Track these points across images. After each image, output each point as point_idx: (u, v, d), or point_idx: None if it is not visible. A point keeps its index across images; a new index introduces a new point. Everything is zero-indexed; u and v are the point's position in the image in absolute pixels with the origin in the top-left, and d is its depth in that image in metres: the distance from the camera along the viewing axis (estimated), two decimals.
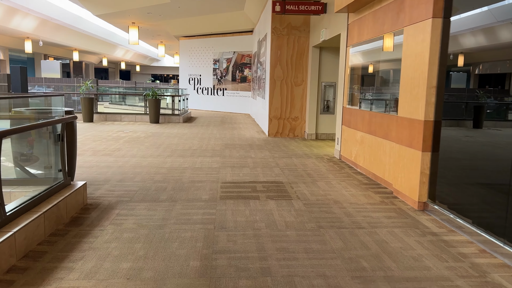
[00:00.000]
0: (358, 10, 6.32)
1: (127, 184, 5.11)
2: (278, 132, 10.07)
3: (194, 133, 10.38)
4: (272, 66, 9.81)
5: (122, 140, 8.68)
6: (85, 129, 10.39)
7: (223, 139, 9.44)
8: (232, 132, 10.74)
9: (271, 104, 9.94)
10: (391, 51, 5.36)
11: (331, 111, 9.84)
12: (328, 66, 9.66)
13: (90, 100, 11.65)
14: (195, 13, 15.91)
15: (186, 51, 19.32)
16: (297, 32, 9.72)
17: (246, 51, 17.01)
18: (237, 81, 17.46)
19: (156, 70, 47.85)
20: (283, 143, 9.08)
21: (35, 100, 5.65)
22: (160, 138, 9.18)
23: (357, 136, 6.39)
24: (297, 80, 9.90)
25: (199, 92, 18.88)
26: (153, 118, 12.09)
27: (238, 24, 16.24)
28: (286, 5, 8.25)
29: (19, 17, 19.04)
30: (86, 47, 27.38)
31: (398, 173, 4.83)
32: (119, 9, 15.41)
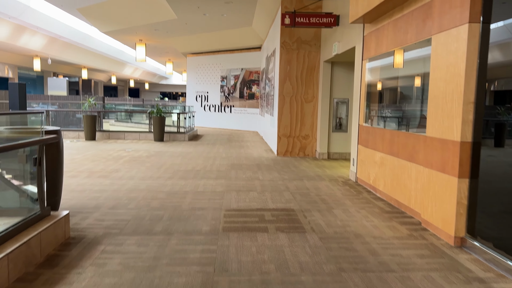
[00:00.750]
0: (376, 20, 5.78)
1: (120, 212, 4.52)
2: (288, 151, 9.46)
3: (199, 152, 9.82)
4: (281, 82, 9.28)
5: (122, 160, 8.14)
6: (86, 148, 9.90)
7: (229, 158, 8.85)
8: (239, 151, 10.16)
9: (280, 122, 9.37)
10: (416, 63, 4.78)
11: (344, 129, 9.23)
12: (340, 82, 9.09)
13: (93, 117, 11.21)
14: (203, 30, 15.60)
15: (194, 68, 18.99)
16: (307, 46, 9.22)
17: (254, 68, 16.59)
18: (245, 98, 16.99)
19: (165, 87, 47.90)
20: (293, 163, 8.46)
21: (22, 118, 5.15)
22: (162, 158, 8.62)
23: (376, 157, 5.75)
24: (307, 96, 9.35)
25: (206, 109, 18.44)
26: (158, 136, 11.59)
27: (246, 41, 15.87)
28: (296, 17, 7.76)
29: (27, 35, 18.96)
30: (95, 65, 27.33)
31: (428, 202, 4.17)
32: (126, 26, 15.17)
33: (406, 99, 5.16)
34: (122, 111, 15.55)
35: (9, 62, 22.75)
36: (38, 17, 17.07)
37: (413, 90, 4.95)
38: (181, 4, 11.78)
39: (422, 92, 4.68)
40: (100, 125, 12.10)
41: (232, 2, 11.34)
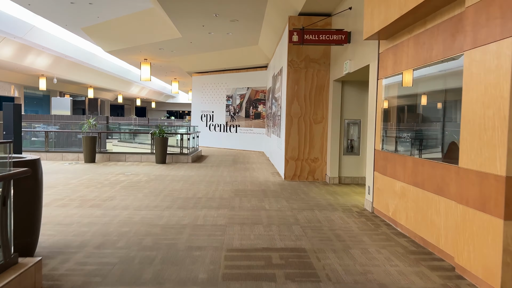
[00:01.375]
0: (393, 37, 5.26)
1: (106, 253, 3.93)
2: (296, 175, 8.86)
3: (202, 175, 9.26)
4: (289, 102, 8.76)
5: (119, 186, 7.59)
6: (83, 172, 9.38)
7: (234, 183, 8.27)
8: (244, 174, 9.58)
9: (288, 144, 8.80)
10: (443, 82, 4.22)
11: (356, 152, 8.63)
12: (351, 102, 8.55)
13: (92, 139, 10.74)
14: (208, 49, 15.27)
15: (199, 88, 18.63)
16: (316, 65, 8.73)
17: (260, 87, 16.16)
18: (251, 118, 16.50)
19: (172, 106, 47.83)
20: (302, 188, 7.85)
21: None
22: (162, 183, 8.06)
23: (395, 187, 5.14)
24: (316, 117, 8.80)
25: (212, 129, 17.97)
26: (159, 158, 11.07)
27: (252, 59, 15.50)
28: (305, 34, 7.29)
29: (33, 54, 18.82)
30: (101, 84, 27.20)
31: (463, 244, 3.54)
32: (130, 45, 14.89)
33: (430, 123, 4.58)
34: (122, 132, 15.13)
35: (15, 82, 22.64)
36: (43, 37, 16.92)
37: (439, 113, 4.37)
38: (185, 23, 11.45)
39: (451, 114, 4.11)
40: (101, 146, 11.64)
41: (237, 20, 10.97)
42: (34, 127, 14.34)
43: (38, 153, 11.15)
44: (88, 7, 11.72)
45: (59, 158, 11.23)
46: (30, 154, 3.90)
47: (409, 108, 5.07)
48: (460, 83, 3.69)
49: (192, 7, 9.83)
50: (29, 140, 13.51)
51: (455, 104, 4.01)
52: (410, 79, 4.84)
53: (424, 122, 4.74)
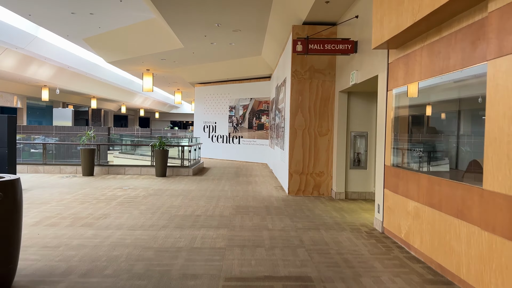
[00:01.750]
0: (404, 45, 4.92)
1: (92, 283, 3.55)
2: (300, 190, 8.47)
3: (203, 189, 8.89)
4: (293, 114, 8.41)
5: (116, 202, 7.23)
6: (79, 186, 9.04)
7: (235, 199, 7.89)
8: (247, 189, 9.20)
9: (292, 157, 8.43)
10: (461, 93, 3.85)
11: (363, 166, 8.24)
12: (358, 114, 8.19)
13: (91, 151, 10.43)
14: (210, 59, 15.03)
15: (201, 98, 18.37)
16: (321, 75, 8.40)
17: (264, 98, 15.86)
18: (254, 129, 16.17)
19: (175, 117, 47.71)
20: (307, 204, 7.45)
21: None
22: (161, 198, 7.70)
23: (408, 207, 4.74)
24: (321, 129, 8.44)
25: (214, 140, 17.64)
26: (160, 171, 10.72)
27: (255, 70, 15.23)
28: (310, 44, 6.97)
29: (35, 65, 18.68)
30: (104, 94, 27.06)
31: (490, 276, 3.13)
32: (132, 56, 14.68)
33: (447, 138, 4.20)
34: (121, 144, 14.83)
35: (18, 93, 22.53)
36: (45, 47, 16.77)
37: (457, 127, 4.00)
38: (187, 33, 11.20)
39: (472, 129, 3.74)
40: (100, 158, 11.32)
41: (240, 30, 10.71)
42: (34, 138, 14.09)
43: (35, 166, 10.85)
44: (89, 17, 11.52)
45: (56, 171, 10.92)
46: (8, 175, 3.56)
47: (422, 121, 4.71)
48: (479, 99, 3.33)
49: (194, 17, 9.58)
50: (28, 152, 13.24)
51: (472, 115, 3.65)
52: (423, 90, 4.48)
53: (439, 137, 4.36)
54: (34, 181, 9.46)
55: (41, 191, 8.13)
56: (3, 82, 20.61)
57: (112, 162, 16.14)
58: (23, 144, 13.08)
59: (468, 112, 3.89)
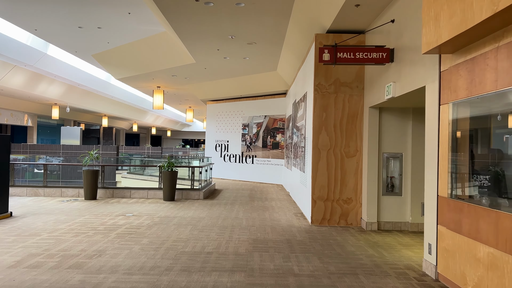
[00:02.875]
0: (466, 48, 3.92)
1: None
2: (325, 219, 7.38)
3: (214, 217, 7.86)
4: (316, 132, 7.41)
5: (115, 233, 6.25)
6: (78, 212, 8.10)
7: (251, 229, 6.84)
8: (263, 216, 8.14)
9: (315, 181, 7.38)
10: None
11: (397, 192, 7.14)
12: (391, 132, 7.16)
13: (94, 173, 9.53)
14: (223, 75, 14.23)
15: (213, 116, 17.52)
16: (347, 89, 7.42)
17: (279, 115, 14.92)
18: (268, 148, 15.18)
19: (187, 135, 47.12)
20: (335, 237, 6.36)
21: None
22: (167, 229, 6.69)
23: (478, 252, 3.65)
24: (348, 150, 7.41)
25: (226, 160, 16.68)
26: (167, 195, 9.75)
27: (270, 86, 14.35)
28: (338, 52, 6.03)
29: (45, 83, 18.18)
30: (115, 113, 26.52)
31: None
32: (142, 72, 13.97)
33: None
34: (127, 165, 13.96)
35: (28, 111, 22.06)
36: (55, 65, 16.23)
37: None
38: (199, 47, 10.41)
39: None
40: (104, 180, 10.41)
41: (255, 43, 9.87)
42: (38, 158, 13.32)
43: (35, 189, 9.99)
44: (97, 32, 10.84)
45: (57, 194, 10.03)
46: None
47: (498, 143, 3.66)
48: None
49: (207, 29, 8.78)
50: (31, 173, 12.45)
51: None
52: (501, 101, 3.45)
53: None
54: (31, 206, 8.57)
55: (35, 219, 7.21)
56: (13, 101, 20.16)
57: (120, 182, 15.29)
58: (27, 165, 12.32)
59: None
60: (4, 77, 16.01)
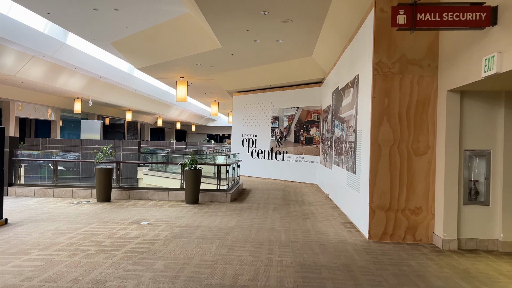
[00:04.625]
0: None
1: None
2: (387, 234, 5.74)
3: (246, 227, 6.36)
4: (375, 124, 5.76)
5: (123, 252, 4.84)
6: (86, 219, 6.78)
7: (295, 247, 5.29)
8: (306, 226, 6.58)
9: (374, 186, 5.75)
10: None
11: (484, 200, 5.42)
12: (476, 123, 5.43)
13: (107, 172, 8.22)
14: (251, 63, 12.68)
15: (240, 108, 16.01)
16: (416, 68, 5.72)
17: (313, 106, 13.25)
18: (301, 143, 13.55)
19: (212, 129, 45.99)
20: (408, 262, 4.73)
21: None
22: (188, 245, 5.23)
23: None
24: (418, 146, 5.72)
25: (254, 156, 15.16)
26: (190, 197, 8.33)
27: (304, 74, 12.70)
28: (418, 13, 4.35)
29: (65, 75, 17.17)
30: (139, 106, 25.49)
31: None
32: (164, 60, 12.60)
33: None
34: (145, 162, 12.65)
35: (51, 105, 21.25)
36: (75, 56, 15.12)
37: None
38: (226, 28, 8.89)
39: None
40: (120, 179, 9.10)
41: (291, 20, 8.26)
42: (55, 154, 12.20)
43: (44, 189, 8.77)
44: (114, 14, 9.50)
45: (68, 194, 8.79)
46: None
47: None
48: None
49: (236, 4, 7.26)
50: (46, 169, 11.33)
51: None
52: None
53: None
54: (34, 209, 7.32)
55: (32, 228, 5.91)
56: (34, 94, 19.33)
57: (142, 179, 14.08)
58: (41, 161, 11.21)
59: None
60: (22, 68, 15.04)
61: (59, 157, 11.27)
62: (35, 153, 11.68)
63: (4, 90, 17.63)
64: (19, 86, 17.65)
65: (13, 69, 14.67)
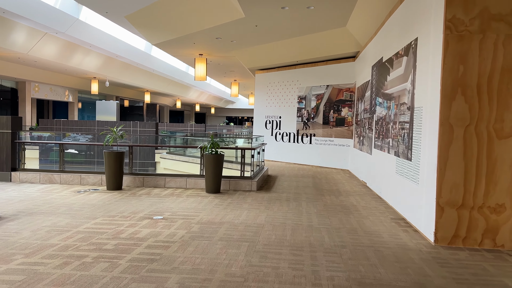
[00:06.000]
0: None
1: None
2: (458, 237, 4.50)
3: (278, 224, 5.24)
4: (446, 98, 4.46)
5: (128, 260, 3.79)
6: (91, 211, 5.79)
7: (344, 255, 4.13)
8: (350, 223, 5.40)
9: (443, 177, 4.49)
10: None
11: None
12: None
13: (118, 156, 7.21)
14: (276, 36, 11.35)
15: (263, 88, 14.75)
16: (502, 25, 4.35)
17: (345, 84, 11.87)
18: (331, 125, 12.26)
19: (231, 112, 44.89)
20: (497, 278, 3.51)
21: None
22: (210, 250, 4.15)
23: None
24: (502, 126, 4.40)
25: (278, 139, 13.97)
26: (211, 185, 7.25)
27: (336, 48, 11.30)
28: None
29: (80, 54, 16.23)
30: (157, 88, 24.52)
31: None
32: (181, 34, 11.41)
33: None
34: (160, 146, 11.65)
35: (67, 86, 20.50)
36: (89, 33, 14.11)
37: None
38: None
39: None
40: (132, 163, 8.09)
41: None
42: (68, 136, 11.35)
43: (50, 174, 7.86)
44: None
45: (76, 181, 7.87)
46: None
47: None
48: None
49: None
50: (57, 153, 10.50)
51: None
52: None
53: None
54: (34, 199, 6.39)
55: (24, 224, 4.95)
56: (49, 74, 18.56)
57: (159, 163, 13.17)
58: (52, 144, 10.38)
59: None
60: (35, 46, 14.15)
61: (70, 139, 10.39)
62: (46, 135, 10.84)
63: (19, 69, 16.89)
64: (33, 65, 16.87)
65: (25, 47, 13.81)
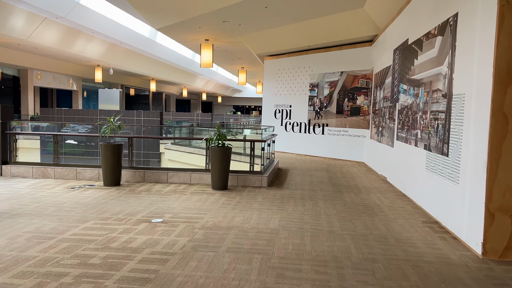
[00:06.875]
0: None
1: None
2: (511, 249, 3.75)
3: (294, 230, 4.52)
4: (500, 83, 3.66)
5: (117, 277, 3.10)
6: (81, 212, 5.12)
7: (378, 272, 3.41)
8: (377, 230, 4.66)
9: (494, 177, 3.72)
10: None
11: None
12: None
13: (115, 149, 6.52)
14: (287, 19, 10.49)
15: (272, 75, 13.91)
16: None
17: (361, 70, 11.01)
18: (345, 114, 11.45)
19: (238, 101, 44.05)
20: None
21: None
22: (216, 263, 3.45)
23: None
24: None
25: (288, 129, 13.20)
26: (218, 181, 6.54)
27: (351, 31, 10.41)
28: None
29: (82, 40, 15.49)
30: (162, 76, 23.76)
31: None
32: (185, 17, 10.59)
33: None
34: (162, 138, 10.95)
35: (71, 73, 19.82)
36: (91, 18, 13.33)
37: None
38: None
39: None
40: (132, 155, 7.41)
41: None
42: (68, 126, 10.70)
43: (44, 168, 7.22)
44: None
45: (72, 175, 7.21)
46: None
47: None
48: None
49: None
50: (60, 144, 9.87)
51: None
52: None
53: None
54: (23, 197, 5.74)
55: (4, 228, 4.29)
56: (51, 61, 17.88)
57: (164, 154, 12.50)
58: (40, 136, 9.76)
59: None
60: (35, 31, 13.42)
61: (68, 130, 9.73)
62: (44, 125, 10.21)
63: (19, 57, 16.23)
64: (34, 52, 16.19)
65: (24, 32, 13.10)
